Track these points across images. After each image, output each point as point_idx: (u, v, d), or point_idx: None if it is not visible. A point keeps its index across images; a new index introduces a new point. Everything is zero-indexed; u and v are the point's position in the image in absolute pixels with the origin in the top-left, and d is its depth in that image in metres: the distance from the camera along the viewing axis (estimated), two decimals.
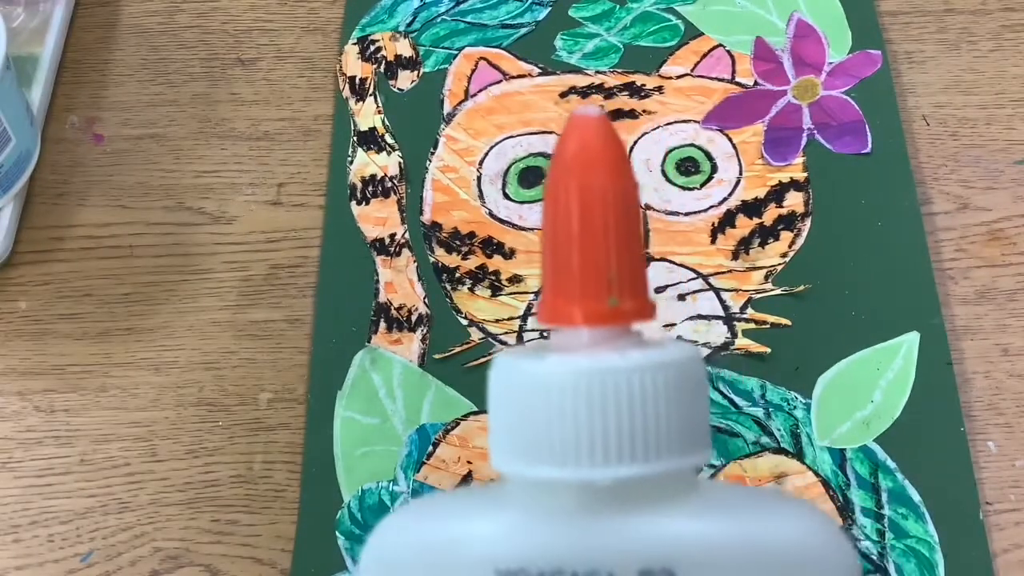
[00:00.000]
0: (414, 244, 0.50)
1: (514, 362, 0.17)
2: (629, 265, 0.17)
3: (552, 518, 0.17)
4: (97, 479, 0.46)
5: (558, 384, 0.16)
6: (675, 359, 0.16)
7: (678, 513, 0.17)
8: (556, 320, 0.17)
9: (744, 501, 0.18)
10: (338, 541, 0.44)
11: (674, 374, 0.16)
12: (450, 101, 0.55)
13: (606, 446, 0.16)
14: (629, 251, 0.17)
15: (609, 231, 0.17)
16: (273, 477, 0.46)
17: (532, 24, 0.57)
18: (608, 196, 0.17)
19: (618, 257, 0.17)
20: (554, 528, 0.17)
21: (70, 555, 0.44)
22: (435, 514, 0.18)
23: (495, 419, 0.17)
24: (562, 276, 0.17)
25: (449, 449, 0.45)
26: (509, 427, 0.17)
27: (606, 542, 0.16)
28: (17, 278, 0.51)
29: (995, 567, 0.42)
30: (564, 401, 0.16)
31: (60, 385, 0.48)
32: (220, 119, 0.55)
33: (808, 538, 0.17)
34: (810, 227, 0.50)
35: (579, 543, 0.17)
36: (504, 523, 0.17)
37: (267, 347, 0.48)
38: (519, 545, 0.17)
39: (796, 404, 0.46)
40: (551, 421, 0.16)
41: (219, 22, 0.59)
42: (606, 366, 0.16)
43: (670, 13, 0.57)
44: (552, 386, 0.16)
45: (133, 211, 0.52)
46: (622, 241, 0.17)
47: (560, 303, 0.17)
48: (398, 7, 0.58)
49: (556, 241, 0.17)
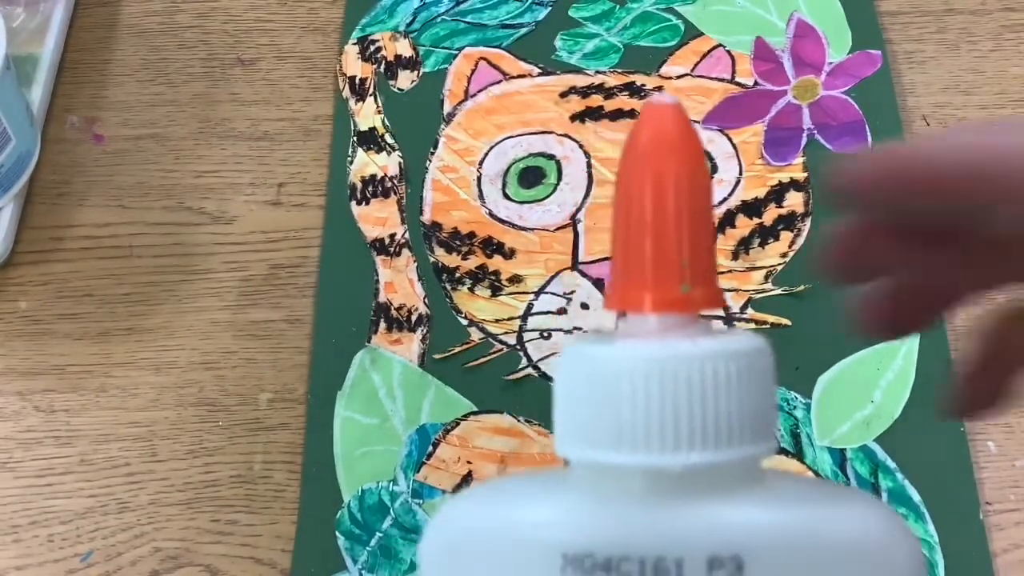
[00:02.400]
0: (414, 244, 0.50)
1: (584, 348, 0.17)
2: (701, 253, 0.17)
3: (619, 504, 0.17)
4: (97, 479, 0.46)
5: (629, 370, 0.16)
6: (746, 348, 0.16)
7: (746, 501, 0.17)
8: (627, 306, 0.17)
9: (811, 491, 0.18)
10: (338, 541, 0.44)
11: (744, 363, 0.16)
12: (450, 101, 0.55)
13: (676, 433, 0.16)
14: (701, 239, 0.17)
15: (682, 218, 0.17)
16: (273, 477, 0.45)
17: (532, 24, 0.57)
18: (682, 183, 0.17)
19: (691, 244, 0.17)
20: (621, 514, 0.17)
21: (70, 555, 0.44)
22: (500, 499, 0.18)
23: (561, 404, 0.17)
24: (634, 262, 0.17)
25: (449, 449, 0.45)
26: (577, 413, 0.17)
27: (674, 528, 0.16)
28: (17, 278, 0.51)
29: (995, 567, 0.42)
30: (635, 387, 0.16)
31: (60, 385, 0.48)
32: (220, 119, 0.55)
33: (873, 530, 0.17)
34: (810, 227, 0.50)
35: (647, 529, 0.17)
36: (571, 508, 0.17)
37: (267, 347, 0.48)
38: (586, 530, 0.17)
39: (796, 404, 0.46)
40: (621, 407, 0.16)
41: (219, 22, 0.59)
42: (678, 353, 0.16)
43: (670, 13, 0.57)
44: (623, 372, 0.16)
45: (133, 211, 0.52)
46: (695, 228, 0.17)
47: (631, 289, 0.17)
48: (398, 7, 0.58)
49: (629, 227, 0.17)
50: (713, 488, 0.17)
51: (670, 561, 0.16)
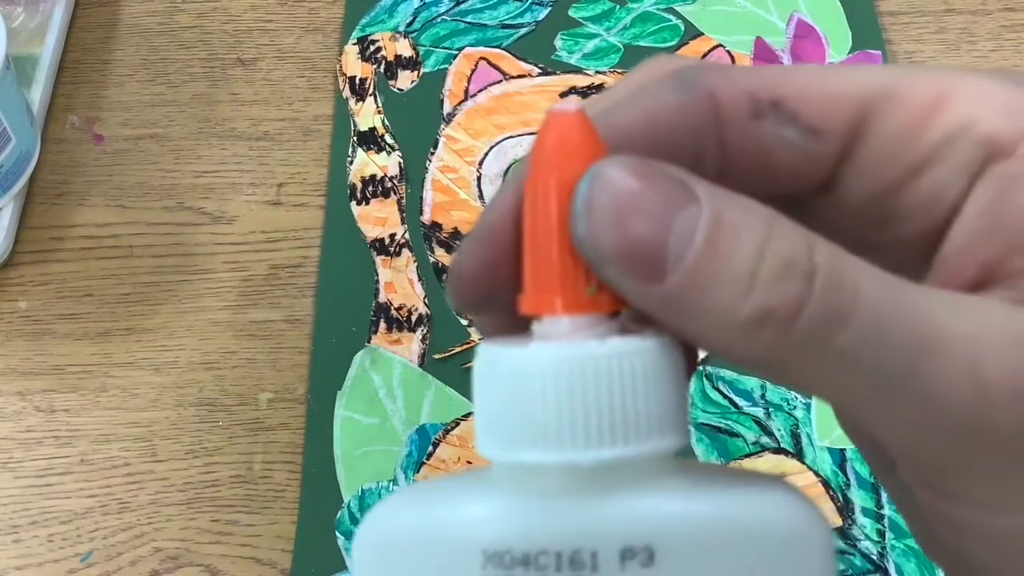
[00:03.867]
0: (414, 244, 0.50)
1: (497, 350, 0.17)
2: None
3: (537, 500, 0.18)
4: (97, 479, 0.46)
5: (540, 370, 0.17)
6: (651, 345, 0.17)
7: (657, 493, 0.17)
8: (537, 309, 0.17)
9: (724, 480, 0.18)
10: (338, 541, 0.44)
11: (650, 359, 0.17)
12: (450, 101, 0.55)
13: (587, 429, 0.17)
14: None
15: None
16: (273, 477, 0.45)
17: (532, 24, 0.57)
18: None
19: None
20: (539, 509, 0.18)
21: (70, 555, 0.44)
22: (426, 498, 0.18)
23: (480, 405, 0.18)
24: (542, 267, 0.18)
25: (449, 449, 0.45)
26: (494, 413, 0.18)
27: (588, 522, 0.17)
28: (17, 278, 0.51)
29: None
30: (546, 386, 0.17)
31: (60, 385, 0.48)
32: (220, 119, 0.55)
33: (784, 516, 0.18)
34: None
35: (562, 523, 0.17)
36: (491, 506, 0.18)
37: (267, 347, 0.48)
38: (504, 526, 0.17)
39: (796, 404, 0.46)
40: (534, 406, 0.17)
41: (219, 22, 0.59)
42: (584, 352, 0.17)
43: (670, 13, 0.57)
44: (535, 372, 0.17)
45: (133, 211, 0.52)
46: None
47: (541, 293, 0.17)
48: (398, 7, 0.58)
49: (536, 233, 0.18)
50: (626, 481, 0.17)
51: (585, 553, 0.17)
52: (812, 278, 0.16)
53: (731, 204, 0.16)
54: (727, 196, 0.16)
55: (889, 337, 0.16)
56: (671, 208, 0.16)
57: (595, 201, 0.17)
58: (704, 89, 0.18)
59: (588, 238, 0.17)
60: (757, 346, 0.16)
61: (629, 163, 0.17)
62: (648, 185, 0.16)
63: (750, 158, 0.19)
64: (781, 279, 0.16)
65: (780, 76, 0.19)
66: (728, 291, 0.16)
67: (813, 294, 0.16)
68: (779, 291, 0.16)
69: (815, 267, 0.16)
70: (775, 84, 0.19)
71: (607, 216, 0.16)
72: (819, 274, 0.16)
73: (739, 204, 0.16)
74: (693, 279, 0.16)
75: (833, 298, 0.16)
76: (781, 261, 0.16)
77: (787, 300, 0.16)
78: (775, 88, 0.18)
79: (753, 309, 0.16)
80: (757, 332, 0.16)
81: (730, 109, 0.18)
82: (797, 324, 0.16)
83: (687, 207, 0.16)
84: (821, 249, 0.16)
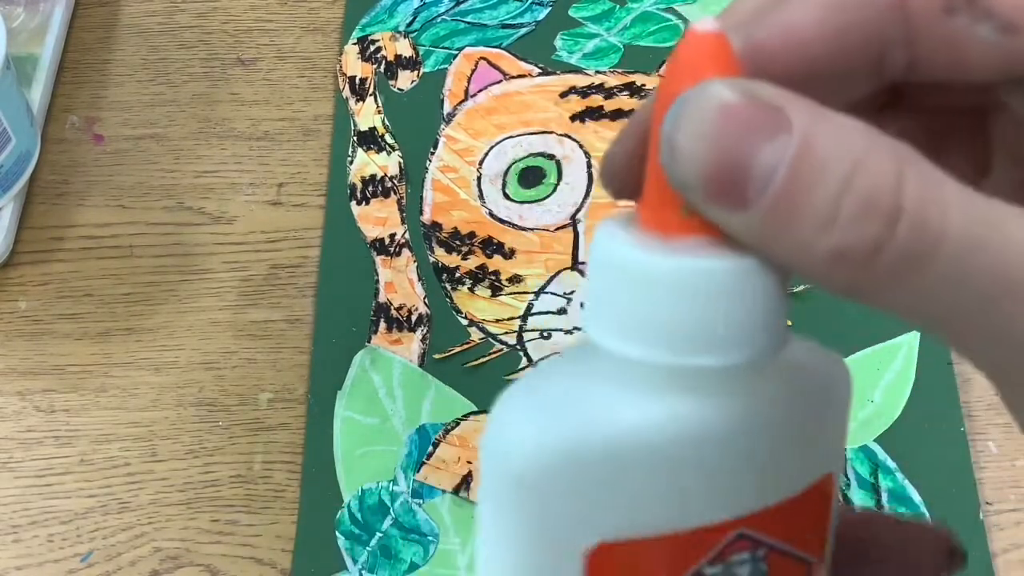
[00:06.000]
0: (414, 244, 0.50)
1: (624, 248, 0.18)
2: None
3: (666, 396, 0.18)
4: (97, 479, 0.46)
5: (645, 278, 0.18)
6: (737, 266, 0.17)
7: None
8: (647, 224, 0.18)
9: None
10: (338, 541, 0.44)
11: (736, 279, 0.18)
12: (450, 101, 0.55)
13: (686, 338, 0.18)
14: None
15: None
16: (273, 477, 0.45)
17: (532, 24, 0.57)
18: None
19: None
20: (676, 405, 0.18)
21: (70, 555, 0.44)
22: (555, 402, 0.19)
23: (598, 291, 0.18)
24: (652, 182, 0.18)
25: (449, 449, 0.45)
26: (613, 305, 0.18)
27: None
28: (17, 278, 0.51)
29: (995, 567, 0.42)
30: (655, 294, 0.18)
31: (60, 385, 0.48)
32: (220, 119, 0.55)
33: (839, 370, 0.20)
34: None
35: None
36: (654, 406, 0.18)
37: (267, 347, 0.48)
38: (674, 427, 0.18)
39: None
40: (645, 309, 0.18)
41: (219, 22, 0.59)
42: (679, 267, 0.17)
43: (670, 13, 0.57)
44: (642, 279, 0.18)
45: (133, 211, 0.52)
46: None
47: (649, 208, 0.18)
48: (398, 7, 0.58)
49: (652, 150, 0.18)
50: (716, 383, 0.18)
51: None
52: (895, 218, 0.16)
53: (825, 134, 0.16)
54: (824, 124, 0.16)
55: (971, 277, 0.16)
56: (760, 136, 0.16)
57: (680, 128, 0.16)
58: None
59: (669, 165, 0.17)
60: (838, 280, 0.16)
61: (720, 88, 0.16)
62: (738, 111, 0.16)
63: (941, 55, 0.18)
64: (861, 219, 0.16)
65: None
66: (808, 226, 0.16)
67: (895, 235, 0.16)
68: (857, 231, 0.16)
69: (900, 206, 0.16)
70: None
71: (690, 143, 0.16)
72: (904, 215, 0.16)
73: (834, 134, 0.16)
74: (775, 211, 0.16)
75: (915, 239, 0.16)
76: (863, 199, 0.16)
77: (864, 241, 0.16)
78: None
79: (830, 247, 0.16)
80: (835, 268, 0.16)
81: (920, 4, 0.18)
82: (875, 264, 0.16)
83: (777, 136, 0.16)
84: (911, 184, 0.16)
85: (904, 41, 0.18)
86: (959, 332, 0.17)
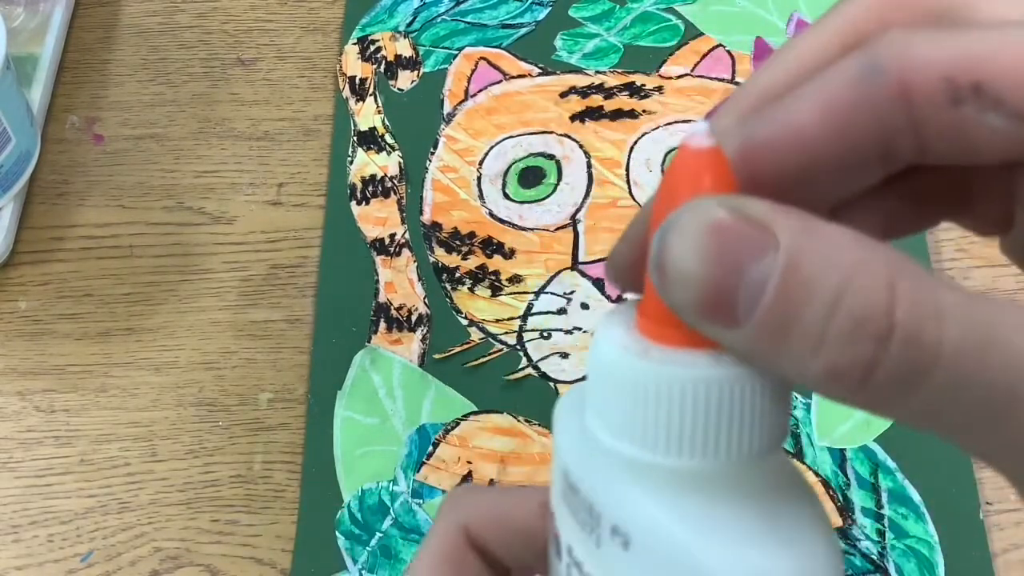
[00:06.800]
0: (414, 244, 0.50)
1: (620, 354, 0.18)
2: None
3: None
4: (97, 479, 0.46)
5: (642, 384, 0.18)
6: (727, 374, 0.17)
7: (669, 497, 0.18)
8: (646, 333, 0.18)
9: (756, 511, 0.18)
10: (338, 541, 0.44)
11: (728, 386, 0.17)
12: (450, 101, 0.55)
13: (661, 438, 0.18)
14: None
15: None
16: (273, 477, 0.46)
17: (532, 24, 0.57)
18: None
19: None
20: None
21: (70, 555, 0.44)
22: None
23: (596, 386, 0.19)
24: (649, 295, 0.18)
25: (449, 449, 0.45)
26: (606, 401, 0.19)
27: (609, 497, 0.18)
28: (17, 278, 0.51)
29: (995, 567, 0.42)
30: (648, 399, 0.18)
31: (60, 385, 0.48)
32: (220, 119, 0.55)
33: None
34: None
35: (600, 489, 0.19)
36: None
37: (267, 347, 0.48)
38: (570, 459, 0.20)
39: (796, 404, 0.46)
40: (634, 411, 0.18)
41: (219, 22, 0.59)
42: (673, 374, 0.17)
43: (670, 13, 0.57)
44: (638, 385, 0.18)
45: (133, 211, 0.52)
46: None
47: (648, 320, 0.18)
48: (398, 7, 0.58)
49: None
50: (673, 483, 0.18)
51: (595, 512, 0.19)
52: (887, 338, 0.15)
53: (811, 252, 0.16)
54: (813, 240, 0.16)
55: (973, 389, 0.15)
56: (748, 254, 0.16)
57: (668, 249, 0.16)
58: (894, 78, 0.17)
59: (659, 288, 0.17)
60: (836, 396, 0.16)
61: (709, 206, 0.16)
62: (726, 229, 0.16)
63: (950, 142, 0.17)
64: (851, 339, 0.15)
65: (977, 52, 0.17)
66: (798, 346, 0.16)
67: (887, 353, 0.15)
68: (848, 352, 0.15)
69: (893, 325, 0.15)
70: (973, 64, 0.17)
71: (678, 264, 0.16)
72: (896, 333, 0.15)
73: (822, 251, 0.16)
74: (765, 330, 0.16)
75: (910, 356, 0.15)
76: (852, 319, 0.15)
77: (856, 361, 0.15)
78: (974, 70, 0.17)
79: (822, 367, 0.16)
80: (830, 386, 0.16)
81: (925, 96, 0.17)
82: (869, 383, 0.15)
83: (764, 255, 0.16)
84: (903, 299, 0.15)
85: (911, 130, 0.18)
86: (970, 441, 0.16)
